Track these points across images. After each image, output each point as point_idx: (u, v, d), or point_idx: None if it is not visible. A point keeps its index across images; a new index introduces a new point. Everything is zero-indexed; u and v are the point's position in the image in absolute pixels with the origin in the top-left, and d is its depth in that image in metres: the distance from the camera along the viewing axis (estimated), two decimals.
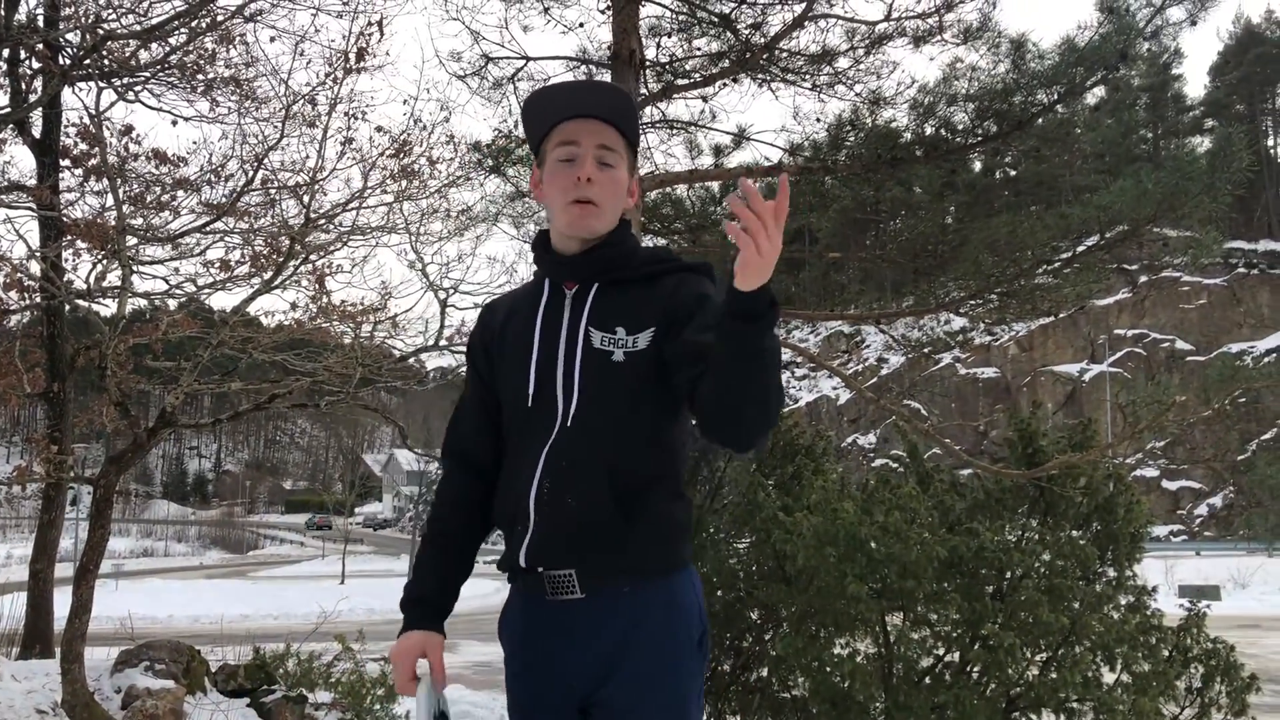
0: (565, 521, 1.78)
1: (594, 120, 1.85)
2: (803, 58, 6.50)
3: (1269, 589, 26.90)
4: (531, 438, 1.84)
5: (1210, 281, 49.15)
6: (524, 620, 1.88)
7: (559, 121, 1.86)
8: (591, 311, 1.85)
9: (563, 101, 1.87)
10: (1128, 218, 5.86)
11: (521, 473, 1.84)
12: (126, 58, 7.47)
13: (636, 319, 1.82)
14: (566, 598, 1.80)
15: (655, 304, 1.83)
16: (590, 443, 1.79)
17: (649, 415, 1.82)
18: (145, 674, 6.55)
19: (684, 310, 1.79)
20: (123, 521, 67.07)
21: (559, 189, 1.85)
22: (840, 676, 5.28)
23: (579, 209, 1.83)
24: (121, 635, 9.11)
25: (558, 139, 1.86)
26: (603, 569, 1.77)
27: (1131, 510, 5.89)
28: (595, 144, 1.84)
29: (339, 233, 7.95)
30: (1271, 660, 14.67)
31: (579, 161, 1.83)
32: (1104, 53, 5.72)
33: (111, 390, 6.72)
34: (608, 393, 1.80)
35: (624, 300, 1.85)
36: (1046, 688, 5.24)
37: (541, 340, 1.86)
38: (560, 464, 1.79)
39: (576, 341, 1.83)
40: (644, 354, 1.80)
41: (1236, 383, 6.07)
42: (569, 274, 1.89)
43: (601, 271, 1.87)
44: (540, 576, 1.81)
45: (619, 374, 1.80)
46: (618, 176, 1.86)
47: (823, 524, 5.39)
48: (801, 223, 9.37)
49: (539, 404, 1.84)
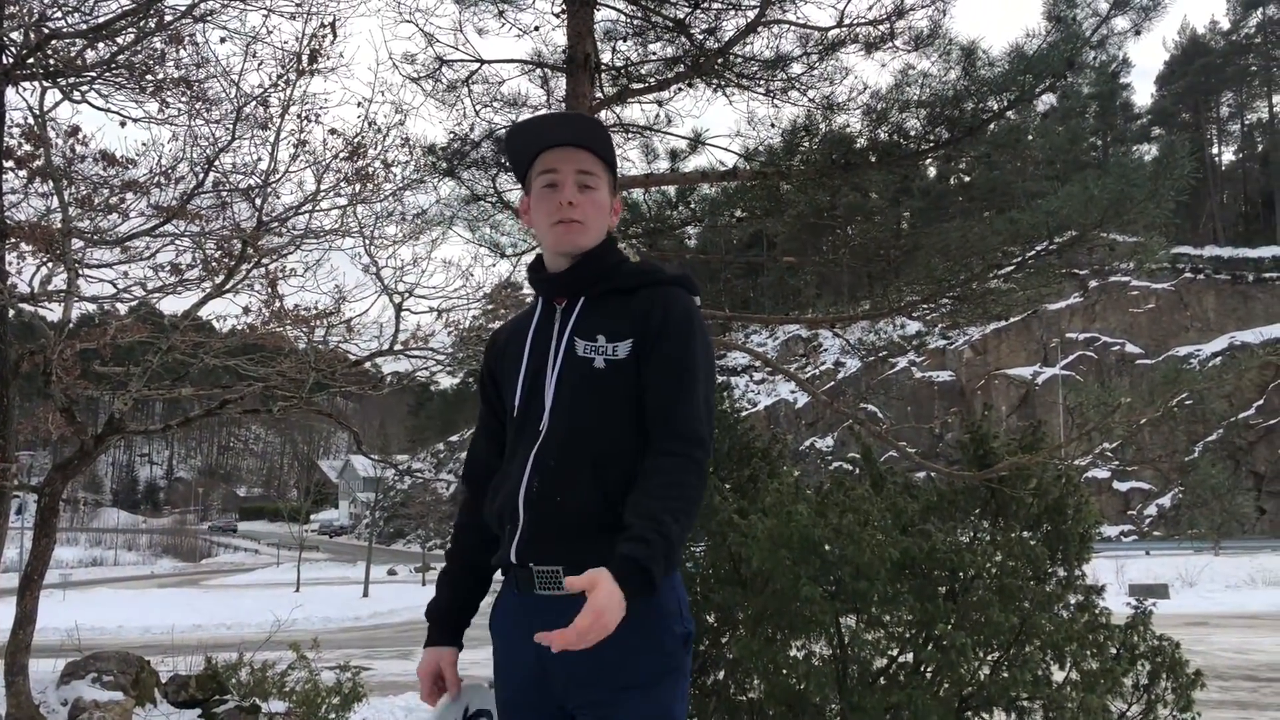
0: (554, 518, 1.87)
1: (570, 148, 2.00)
2: (757, 63, 6.53)
3: (1215, 587, 27.51)
4: (521, 442, 1.96)
5: (1158, 286, 50.13)
6: (511, 614, 1.97)
7: (540, 151, 2.02)
8: (577, 322, 1.98)
9: (542, 133, 2.02)
10: (1075, 223, 5.95)
11: (512, 474, 1.95)
12: (72, 57, 7.33)
13: (615, 329, 1.95)
14: (553, 592, 1.87)
15: (631, 316, 1.95)
16: (575, 443, 1.90)
17: (631, 420, 1.91)
18: (93, 686, 6.43)
19: (650, 332, 1.93)
20: (71, 530, 65.74)
21: (544, 213, 2.01)
22: (796, 678, 5.31)
23: (563, 228, 1.98)
24: (69, 647, 8.92)
25: (540, 168, 2.02)
26: (589, 565, 1.76)
27: (1080, 511, 5.98)
28: (574, 169, 1.99)
29: (292, 236, 7.86)
30: (1218, 657, 14.98)
31: (560, 186, 1.99)
32: (1052, 61, 5.81)
33: (57, 396, 6.59)
34: (588, 396, 1.92)
35: (606, 310, 1.98)
36: (998, 686, 5.31)
37: (531, 353, 2.02)
38: (548, 463, 1.90)
39: (560, 351, 1.97)
40: (624, 364, 1.92)
41: (1181, 385, 6.20)
42: (559, 290, 2.03)
43: (588, 284, 2.01)
44: (530, 571, 1.90)
45: (599, 379, 1.92)
46: (598, 198, 2.02)
47: (777, 526, 5.42)
48: (758, 228, 9.43)
49: (527, 411, 1.97)
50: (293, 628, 10.66)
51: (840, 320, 7.50)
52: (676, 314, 1.95)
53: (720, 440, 7.22)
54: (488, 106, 7.16)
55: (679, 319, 1.95)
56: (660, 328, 1.93)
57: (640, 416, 1.92)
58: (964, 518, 6.16)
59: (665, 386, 1.90)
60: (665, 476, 1.82)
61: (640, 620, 1.78)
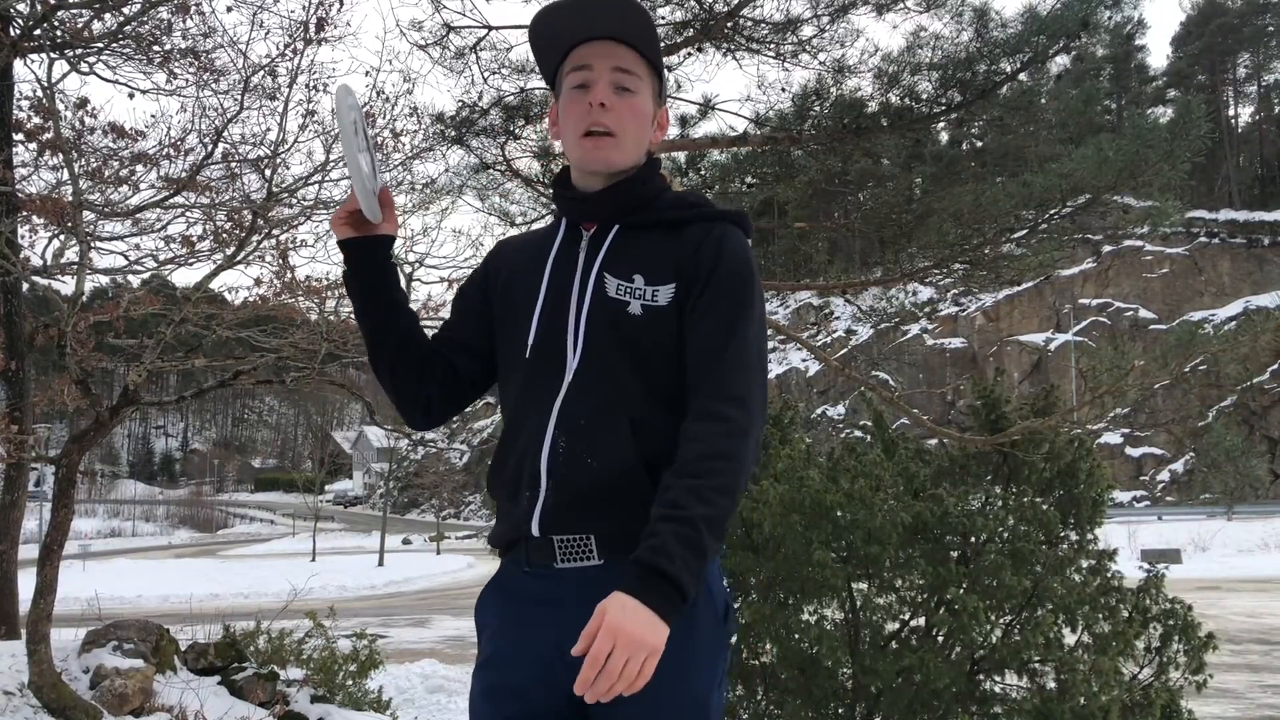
0: (586, 483, 1.58)
1: (608, 41, 1.66)
2: (767, 26, 6.47)
3: (1228, 551, 27.53)
4: (536, 392, 1.65)
5: (1172, 251, 49.75)
6: (521, 592, 1.64)
7: (572, 47, 1.68)
8: (608, 255, 1.67)
9: (572, 23, 1.67)
10: (1089, 186, 5.90)
11: (526, 431, 1.64)
12: (79, 28, 7.31)
13: (655, 269, 1.65)
14: (581, 564, 1.59)
15: (676, 255, 1.65)
16: (608, 397, 1.60)
17: (669, 375, 1.63)
18: (114, 654, 6.51)
19: (700, 277, 1.63)
20: (89, 502, 66.38)
21: (572, 120, 1.67)
22: (808, 642, 5.35)
23: (592, 141, 1.66)
24: (89, 616, 9.04)
25: (570, 65, 1.69)
26: (626, 533, 1.52)
27: (1093, 475, 5.98)
28: (610, 66, 1.66)
29: (302, 207, 7.85)
30: (1230, 621, 15.02)
31: (592, 87, 1.65)
32: (1066, 21, 5.74)
33: (72, 369, 6.62)
34: (621, 346, 1.62)
35: (645, 246, 1.67)
36: (1010, 649, 5.34)
37: (550, 284, 1.69)
38: (578, 421, 1.60)
39: (588, 287, 1.65)
40: (664, 313, 1.62)
41: (1195, 349, 6.17)
42: (587, 213, 1.72)
43: (623, 211, 1.70)
44: (551, 542, 1.60)
45: (635, 328, 1.62)
46: (637, 104, 1.68)
47: (789, 492, 5.44)
48: (769, 194, 9.38)
49: (542, 354, 1.66)
50: (309, 597, 10.77)
51: (852, 287, 7.46)
52: (731, 257, 1.65)
53: None
54: (496, 74, 7.12)
55: (735, 263, 1.64)
56: (711, 271, 1.63)
57: (677, 372, 1.62)
58: (976, 483, 6.16)
59: (714, 339, 1.59)
60: (704, 446, 1.51)
61: (699, 608, 1.55)
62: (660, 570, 1.41)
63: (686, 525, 1.44)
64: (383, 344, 1.79)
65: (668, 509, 1.46)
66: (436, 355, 1.81)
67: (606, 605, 1.39)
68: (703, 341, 1.60)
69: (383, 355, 1.80)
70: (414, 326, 1.81)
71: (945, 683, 5.04)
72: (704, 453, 1.51)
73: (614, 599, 1.39)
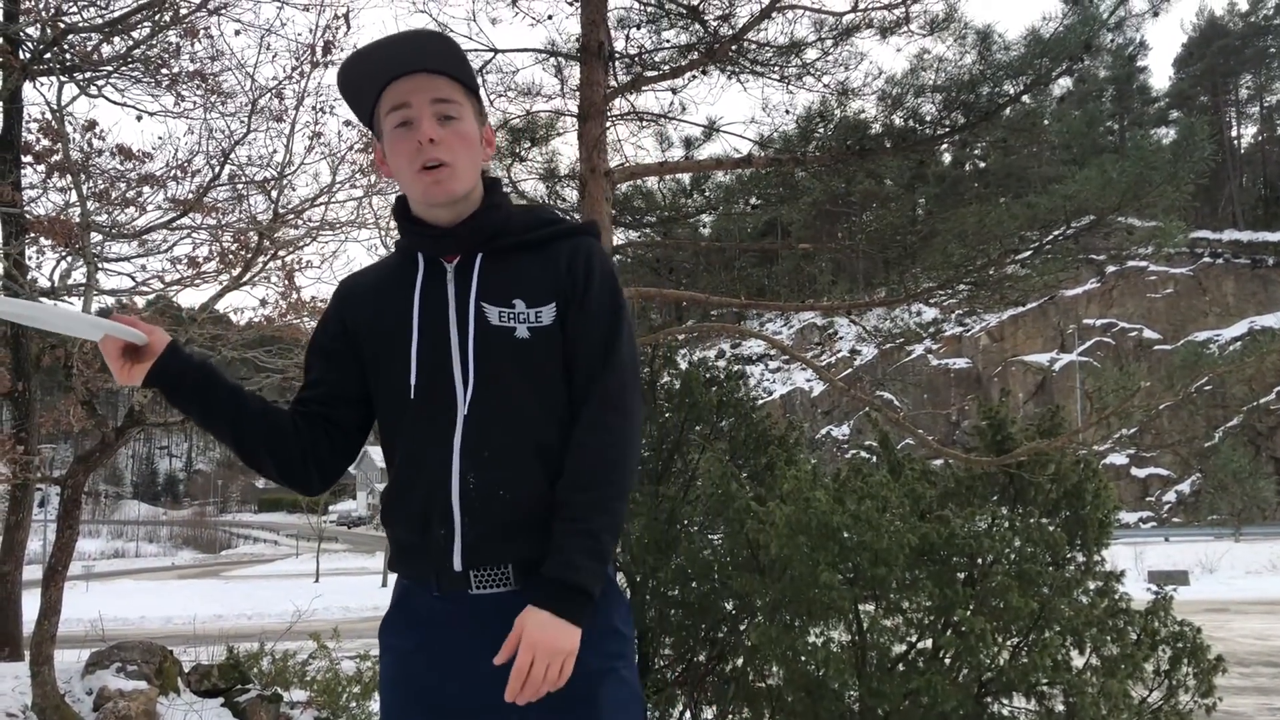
0: (502, 517, 1.63)
1: (420, 74, 1.66)
2: (771, 49, 6.51)
3: (1236, 573, 27.33)
4: (427, 431, 1.66)
5: (1177, 271, 49.76)
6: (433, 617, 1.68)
7: (384, 85, 1.67)
8: (481, 285, 1.68)
9: (382, 62, 1.67)
10: (1093, 207, 5.92)
11: (427, 468, 1.65)
12: (88, 52, 7.38)
13: (533, 291, 1.68)
14: (495, 590, 1.64)
15: (550, 275, 1.70)
16: (511, 428, 1.64)
17: (561, 391, 1.69)
18: (117, 675, 6.49)
19: (576, 293, 1.69)
20: (93, 523, 66.32)
21: (403, 158, 1.67)
22: (814, 665, 5.31)
23: (430, 175, 1.65)
24: (92, 637, 9.02)
25: (388, 104, 1.68)
26: (539, 556, 1.61)
27: (1099, 496, 5.96)
28: (429, 99, 1.66)
29: (308, 228, 7.89)
30: (1239, 643, 14.91)
31: (415, 124, 1.65)
32: (1069, 44, 5.77)
33: (78, 389, 6.64)
34: (515, 372, 1.66)
35: (516, 270, 1.70)
36: (1017, 672, 5.30)
37: (423, 321, 1.68)
38: (482, 454, 1.63)
39: (468, 319, 1.67)
40: (549, 331, 1.67)
41: (1200, 369, 6.15)
42: (451, 246, 1.71)
43: (486, 239, 1.71)
44: (468, 574, 1.65)
45: (526, 351, 1.66)
46: (463, 129, 1.69)
47: (795, 513, 5.42)
48: (773, 215, 9.40)
49: (427, 393, 1.66)
50: (313, 617, 10.75)
51: (856, 307, 7.47)
52: (602, 271, 1.72)
53: (737, 429, 7.22)
54: (502, 96, 7.17)
55: (606, 277, 1.72)
56: (586, 287, 1.69)
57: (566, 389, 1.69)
58: (982, 504, 6.14)
59: (595, 350, 1.68)
60: (595, 457, 1.62)
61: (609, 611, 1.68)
62: (570, 584, 1.55)
63: (589, 538, 1.57)
64: (248, 436, 1.75)
65: (569, 523, 1.59)
66: (310, 419, 1.78)
67: (524, 620, 1.54)
68: (586, 352, 1.68)
69: (254, 447, 1.76)
70: (265, 405, 1.77)
71: (953, 705, 5.00)
72: (596, 463, 1.62)
73: (530, 615, 1.54)
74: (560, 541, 1.58)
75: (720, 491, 6.19)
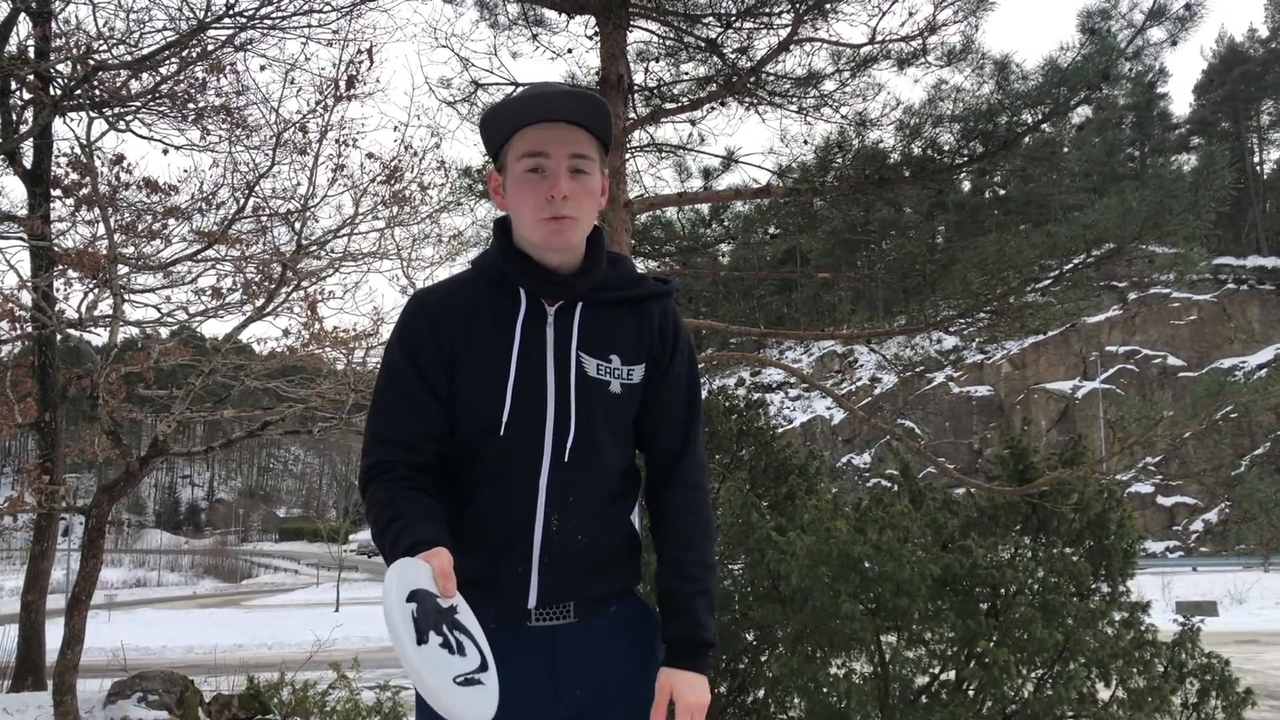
0: (576, 559, 1.71)
1: (563, 124, 1.68)
2: (789, 81, 6.56)
3: (1266, 604, 26.87)
4: (514, 469, 1.69)
5: (1200, 298, 49.37)
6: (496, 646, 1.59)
7: (523, 125, 1.69)
8: (581, 336, 1.72)
9: (528, 106, 1.69)
10: (1114, 235, 5.90)
11: (512, 506, 1.69)
12: (117, 88, 7.52)
13: (628, 350, 1.75)
14: (556, 623, 1.72)
15: (645, 337, 1.77)
16: (592, 477, 1.72)
17: (630, 446, 1.82)
18: (138, 705, 6.51)
19: (666, 356, 1.79)
20: (115, 551, 66.63)
21: (529, 205, 1.68)
22: (836, 696, 5.26)
23: (555, 224, 1.67)
24: (114, 666, 9.05)
25: (524, 147, 1.69)
26: (600, 595, 1.76)
27: (1124, 525, 5.89)
28: (567, 153, 1.68)
29: (331, 259, 7.98)
30: (1269, 675, 14.65)
31: (551, 176, 1.67)
32: (1087, 73, 5.78)
33: (103, 419, 6.71)
34: (605, 425, 1.72)
35: (613, 326, 1.75)
36: (1042, 704, 5.23)
37: (522, 361, 1.69)
38: (567, 499, 1.69)
39: (569, 368, 1.70)
40: (637, 390, 1.76)
41: (1225, 397, 6.10)
42: (560, 293, 1.72)
43: (590, 289, 1.74)
44: (530, 610, 1.71)
45: (615, 405, 1.73)
46: (591, 185, 1.71)
47: (816, 543, 5.39)
48: (792, 244, 9.42)
49: (518, 432, 1.68)
50: (333, 647, 10.74)
51: (876, 335, 7.46)
52: (685, 335, 1.83)
53: (757, 458, 7.20)
54: None
55: (686, 339, 1.83)
56: (672, 354, 1.80)
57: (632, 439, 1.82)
58: (1005, 533, 6.08)
59: (683, 414, 1.81)
60: (697, 518, 1.80)
61: (638, 628, 1.81)
62: (704, 641, 1.73)
63: (707, 596, 1.76)
64: None
65: (689, 584, 1.75)
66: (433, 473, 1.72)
67: (671, 683, 1.69)
68: (675, 416, 1.81)
69: None
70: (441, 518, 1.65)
71: None
72: (699, 524, 1.80)
73: (677, 677, 1.69)
74: (685, 603, 1.74)
75: (740, 521, 6.17)
